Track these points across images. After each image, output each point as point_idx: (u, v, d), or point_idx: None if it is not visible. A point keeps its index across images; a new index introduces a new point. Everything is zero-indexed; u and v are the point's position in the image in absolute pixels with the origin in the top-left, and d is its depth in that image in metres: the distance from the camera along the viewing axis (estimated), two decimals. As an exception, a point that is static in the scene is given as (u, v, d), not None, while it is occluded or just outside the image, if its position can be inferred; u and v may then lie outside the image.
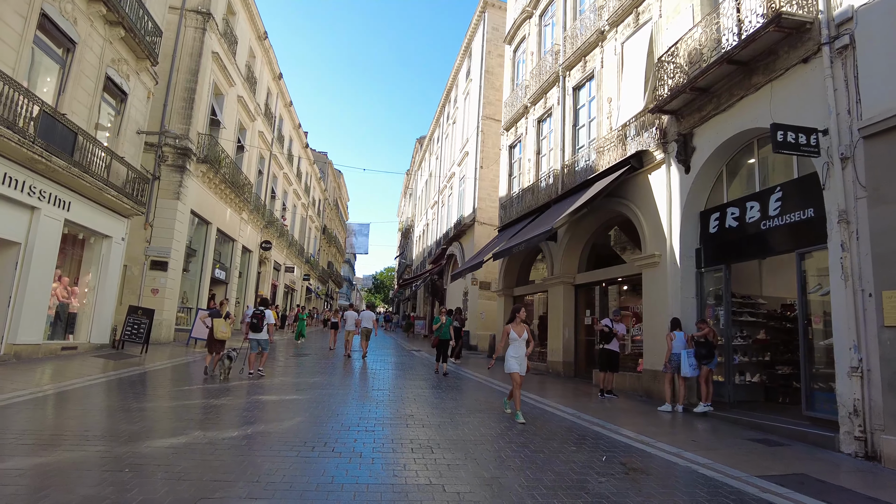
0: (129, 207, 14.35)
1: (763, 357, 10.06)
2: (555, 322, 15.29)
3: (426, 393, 10.25)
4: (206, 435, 6.11)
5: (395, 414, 7.96)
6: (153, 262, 18.09)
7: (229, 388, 9.63)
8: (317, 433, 6.45)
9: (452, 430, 6.95)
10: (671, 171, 10.85)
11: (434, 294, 35.46)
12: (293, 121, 35.84)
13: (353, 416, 7.60)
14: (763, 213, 8.77)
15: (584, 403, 9.97)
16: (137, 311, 14.92)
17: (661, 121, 11.22)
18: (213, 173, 20.62)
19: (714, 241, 10.00)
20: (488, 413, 8.38)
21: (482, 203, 24.51)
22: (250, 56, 26.04)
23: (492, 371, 15.06)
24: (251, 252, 28.36)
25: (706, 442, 7.10)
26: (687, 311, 10.25)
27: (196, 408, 7.76)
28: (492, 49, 25.56)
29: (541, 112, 17.46)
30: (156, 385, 9.80)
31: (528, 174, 18.16)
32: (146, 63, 14.82)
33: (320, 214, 52.34)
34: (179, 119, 18.96)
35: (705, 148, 9.98)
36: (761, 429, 7.93)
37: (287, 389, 10.01)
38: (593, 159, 13.64)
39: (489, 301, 23.25)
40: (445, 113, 36.47)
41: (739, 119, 9.13)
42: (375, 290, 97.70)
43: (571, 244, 14.89)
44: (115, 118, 14.41)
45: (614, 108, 13.15)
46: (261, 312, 11.05)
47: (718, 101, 9.60)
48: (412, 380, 12.36)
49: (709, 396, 9.19)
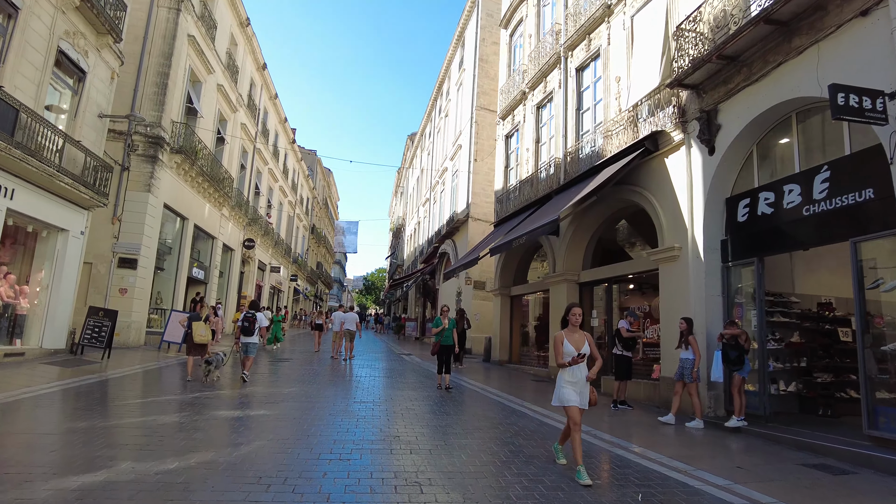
0: (88, 198, 12.94)
1: (797, 363, 8.86)
2: (557, 324, 14.02)
3: (416, 406, 8.94)
4: (135, 468, 4.80)
5: (379, 434, 6.66)
6: (121, 259, 16.68)
7: (188, 401, 8.30)
8: (278, 464, 5.15)
9: (447, 458, 5.67)
10: (692, 153, 9.64)
11: (426, 295, 34.14)
12: (279, 114, 34.41)
13: (328, 439, 6.30)
14: (806, 197, 7.58)
15: (597, 417, 8.71)
16: (98, 313, 13.52)
17: (680, 98, 10.02)
18: (189, 165, 19.21)
19: (743, 230, 8.80)
20: (489, 432, 7.11)
21: (476, 198, 23.24)
22: (231, 43, 24.66)
23: (487, 376, 13.80)
24: (233, 250, 26.91)
25: (756, 469, 5.86)
26: (712, 311, 9.04)
27: (139, 427, 6.43)
28: (486, 36, 24.32)
29: (540, 97, 16.23)
30: (106, 397, 8.45)
31: (526, 165, 16.92)
32: (107, 39, 13.42)
33: (308, 213, 50.86)
34: (151, 105, 17.56)
35: (733, 125, 8.78)
36: (811, 450, 6.70)
37: (256, 402, 8.69)
38: (600, 145, 12.42)
39: (484, 301, 21.97)
40: (437, 107, 35.19)
41: (776, 90, 7.93)
42: (367, 292, 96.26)
43: (575, 239, 13.65)
44: (73, 99, 13.00)
45: (623, 88, 11.95)
46: (252, 315, 10.84)
47: (749, 70, 8.40)
48: (400, 389, 11.07)
49: (742, 409, 7.96)
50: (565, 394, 5.31)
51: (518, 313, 18.34)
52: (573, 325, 5.47)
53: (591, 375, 5.33)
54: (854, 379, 8.80)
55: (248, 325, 10.76)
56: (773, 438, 7.33)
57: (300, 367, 14.39)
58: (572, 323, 5.48)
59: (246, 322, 10.79)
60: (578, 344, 5.35)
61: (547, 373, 14.39)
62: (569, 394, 5.29)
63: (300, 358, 17.01)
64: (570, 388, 5.30)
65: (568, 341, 5.37)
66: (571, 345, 5.34)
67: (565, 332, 5.46)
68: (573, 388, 5.30)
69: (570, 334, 5.44)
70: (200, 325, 10.86)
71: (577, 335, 5.43)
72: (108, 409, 7.52)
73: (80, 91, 13.00)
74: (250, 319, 10.80)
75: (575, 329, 5.48)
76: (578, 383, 5.31)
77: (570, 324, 5.49)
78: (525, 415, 8.48)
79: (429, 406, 8.98)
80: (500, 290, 18.42)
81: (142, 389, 9.54)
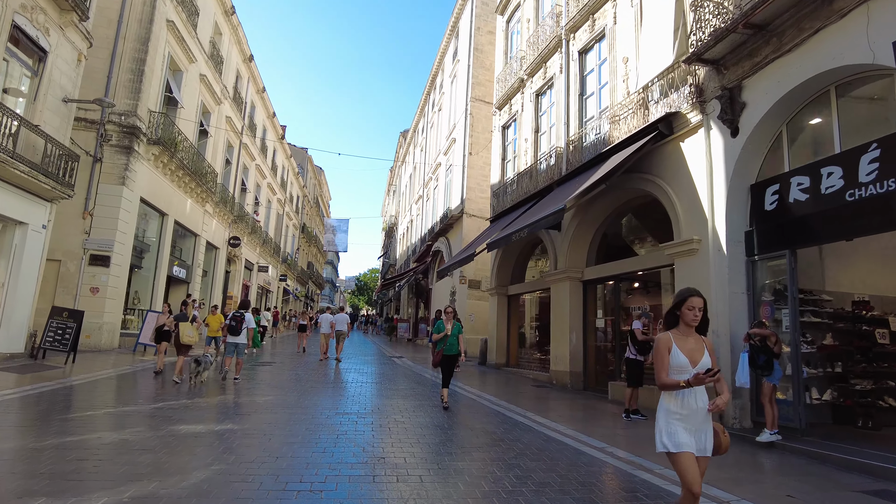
0: (49, 189, 11.87)
1: (832, 368, 7.96)
2: (559, 324, 13.08)
3: (406, 419, 7.93)
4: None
5: (361, 456, 5.66)
6: (93, 256, 15.62)
7: (148, 413, 7.28)
8: (233, 499, 4.16)
9: (441, 487, 4.69)
10: (711, 135, 8.72)
11: (419, 294, 33.15)
12: (267, 109, 33.31)
13: (300, 462, 5.30)
14: (849, 181, 6.66)
15: (608, 429, 7.77)
16: (63, 313, 12.49)
17: (697, 75, 9.10)
18: (169, 157, 18.14)
19: (772, 220, 7.88)
20: (489, 451, 6.13)
21: (471, 193, 22.29)
22: (216, 33, 23.59)
23: (483, 381, 12.83)
24: (218, 249, 25.80)
25: (809, 499, 4.91)
26: (736, 311, 8.11)
27: (77, 448, 5.39)
28: (481, 25, 23.37)
29: (540, 84, 15.29)
30: (55, 409, 7.38)
31: (524, 156, 15.97)
32: (71, 16, 12.33)
33: (299, 212, 49.71)
34: (126, 93, 16.51)
35: (760, 103, 7.86)
36: (866, 472, 5.75)
37: (223, 414, 7.67)
38: (606, 131, 11.48)
39: (479, 301, 21.01)
40: (430, 101, 34.22)
41: (812, 60, 7.01)
42: (359, 293, 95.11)
43: (579, 233, 12.71)
44: (32, 81, 11.93)
45: (631, 69, 11.03)
46: (240, 315, 10.70)
47: (780, 40, 7.48)
48: (389, 397, 10.08)
49: (775, 421, 7.02)
50: (675, 432, 3.23)
51: (516, 314, 17.38)
52: (688, 323, 3.35)
53: (719, 405, 3.16)
54: (893, 385, 7.94)
55: (236, 324, 10.60)
56: (815, 456, 6.39)
57: (281, 371, 13.36)
58: (687, 321, 3.34)
59: (233, 321, 10.64)
60: (695, 353, 3.30)
61: (548, 377, 13.44)
62: (679, 434, 3.22)
63: (283, 361, 15.97)
64: (681, 424, 3.23)
65: (679, 349, 3.30)
66: (685, 354, 3.28)
67: (674, 335, 3.37)
68: (685, 424, 3.23)
69: (681, 338, 3.35)
70: (187, 325, 10.80)
71: (693, 340, 3.35)
72: (50, 425, 6.48)
73: (41, 72, 11.92)
74: (238, 319, 10.64)
75: (690, 331, 3.37)
76: (694, 417, 3.24)
77: (683, 322, 3.37)
78: (529, 428, 7.51)
79: (420, 419, 7.98)
80: (497, 289, 17.46)
81: (101, 398, 8.51)
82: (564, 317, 12.84)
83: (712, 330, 8.15)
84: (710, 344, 3.43)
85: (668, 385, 3.25)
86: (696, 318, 3.31)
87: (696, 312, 3.31)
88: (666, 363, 3.28)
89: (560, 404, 10.23)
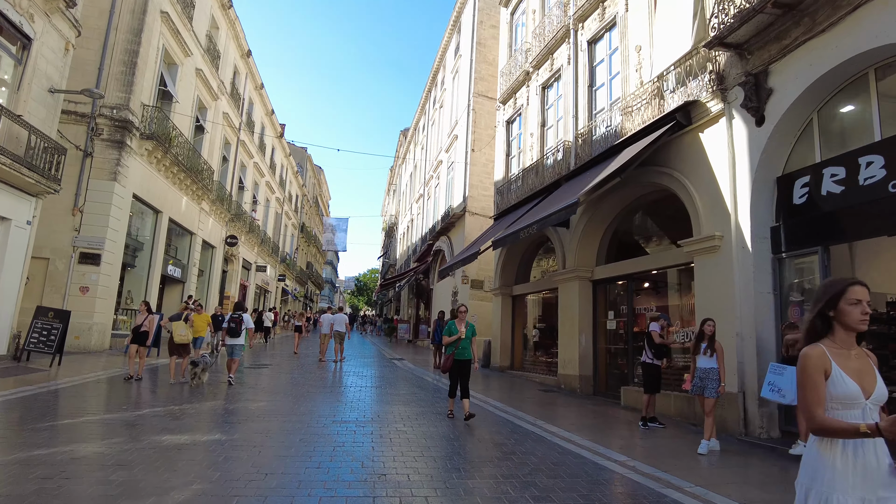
0: (34, 183, 11.33)
1: (865, 373, 7.39)
2: (568, 326, 12.52)
3: (408, 428, 7.37)
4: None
5: (360, 472, 5.11)
6: (83, 254, 15.08)
7: (131, 420, 6.73)
8: (209, 528, 3.61)
9: (450, 512, 4.14)
10: (734, 124, 8.18)
11: (419, 295, 32.57)
12: (265, 106, 32.76)
13: (291, 480, 4.75)
14: (893, 170, 6.11)
15: (626, 440, 7.22)
16: (48, 314, 11.91)
17: (717, 62, 8.55)
18: (163, 153, 17.59)
19: (801, 215, 7.34)
20: (501, 466, 5.57)
21: (474, 191, 21.72)
22: (212, 27, 23.06)
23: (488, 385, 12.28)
24: (214, 248, 25.24)
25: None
26: (762, 312, 7.56)
27: (43, 464, 4.83)
28: (484, 18, 22.83)
29: (546, 76, 14.74)
30: (29, 416, 6.83)
31: (530, 151, 15.42)
32: (58, 2, 11.79)
33: (298, 211, 49.15)
34: (118, 86, 15.99)
35: (789, 89, 7.31)
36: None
37: (212, 422, 7.12)
38: (618, 123, 10.93)
39: (482, 302, 20.42)
40: (431, 98, 33.66)
41: (849, 41, 6.47)
42: (358, 293, 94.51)
43: (589, 231, 12.16)
44: (16, 69, 11.38)
45: (645, 58, 10.49)
46: (238, 317, 10.68)
47: (812, 20, 6.93)
48: (390, 403, 9.52)
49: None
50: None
51: (520, 315, 16.80)
52: (853, 326, 2.18)
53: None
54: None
55: (235, 325, 10.58)
56: (855, 471, 5.84)
57: (277, 374, 12.81)
58: (853, 323, 2.17)
59: (232, 323, 10.61)
60: (864, 377, 2.15)
61: (555, 381, 12.88)
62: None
63: (279, 364, 15.42)
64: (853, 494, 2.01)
65: (843, 370, 2.13)
66: (855, 380, 2.12)
67: (831, 350, 2.17)
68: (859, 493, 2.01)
69: (841, 353, 2.17)
70: (180, 324, 10.76)
71: (855, 355, 2.20)
72: (20, 435, 5.92)
73: (25, 60, 11.38)
74: (237, 320, 10.61)
75: (851, 340, 2.21)
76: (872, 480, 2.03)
77: (842, 326, 2.20)
78: (541, 439, 6.95)
79: (424, 427, 7.42)
80: (501, 289, 16.90)
81: (82, 404, 7.97)
82: (573, 318, 12.28)
83: (736, 332, 7.64)
84: (875, 361, 2.26)
85: (832, 429, 2.04)
86: (864, 317, 2.16)
87: (865, 309, 2.16)
88: (822, 395, 2.11)
89: (571, 411, 9.68)
